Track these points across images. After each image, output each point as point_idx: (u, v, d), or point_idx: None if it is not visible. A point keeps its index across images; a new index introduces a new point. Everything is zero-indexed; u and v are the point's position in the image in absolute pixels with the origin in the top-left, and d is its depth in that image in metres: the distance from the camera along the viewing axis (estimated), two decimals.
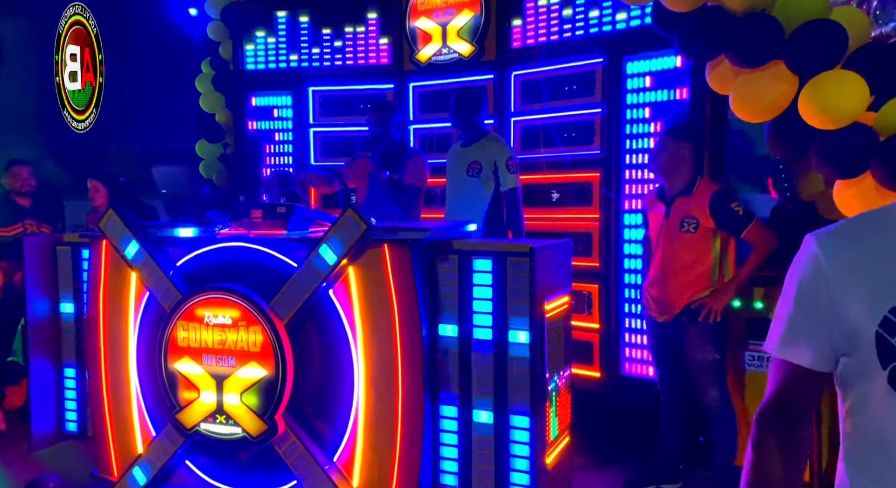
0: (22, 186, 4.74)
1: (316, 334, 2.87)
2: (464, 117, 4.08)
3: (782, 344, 1.25)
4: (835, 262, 1.16)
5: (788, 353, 1.24)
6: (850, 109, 2.70)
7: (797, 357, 1.23)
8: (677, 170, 3.32)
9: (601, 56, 4.20)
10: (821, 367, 1.21)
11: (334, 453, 2.85)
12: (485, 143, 4.08)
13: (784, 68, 2.89)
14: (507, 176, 4.01)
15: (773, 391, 1.29)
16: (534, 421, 2.69)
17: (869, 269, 1.13)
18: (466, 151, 4.10)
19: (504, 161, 4.00)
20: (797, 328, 1.23)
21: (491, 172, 4.01)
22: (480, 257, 2.75)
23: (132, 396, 3.23)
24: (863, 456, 1.18)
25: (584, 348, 4.26)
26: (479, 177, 4.02)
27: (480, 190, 4.03)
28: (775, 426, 1.28)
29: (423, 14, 4.89)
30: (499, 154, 4.01)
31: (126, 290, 3.20)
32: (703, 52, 3.12)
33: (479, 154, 4.05)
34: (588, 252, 4.29)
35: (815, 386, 1.24)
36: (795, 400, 1.27)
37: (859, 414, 1.18)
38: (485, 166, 4.01)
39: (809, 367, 1.22)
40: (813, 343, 1.20)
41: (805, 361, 1.22)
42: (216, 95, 5.92)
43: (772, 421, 1.29)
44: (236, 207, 3.21)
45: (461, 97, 4.10)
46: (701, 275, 3.26)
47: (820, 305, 1.18)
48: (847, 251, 1.16)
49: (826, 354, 1.19)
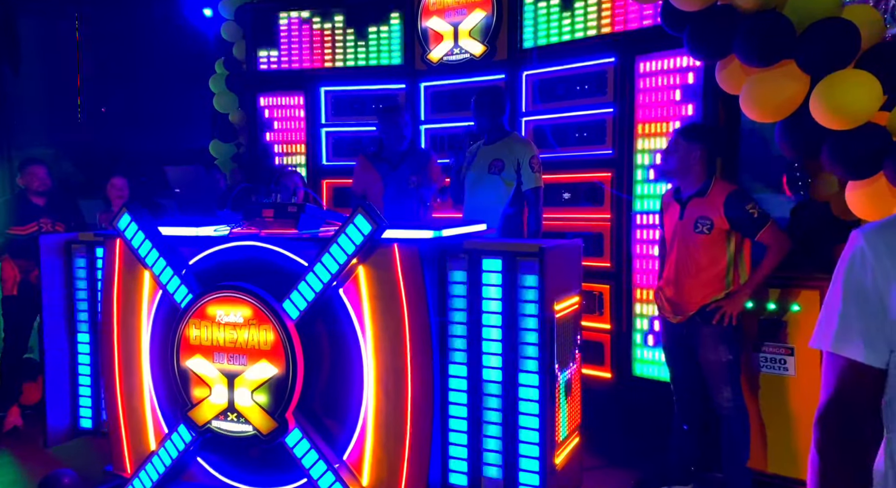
0: (39, 186, 4.79)
1: (326, 333, 2.88)
2: (489, 118, 4.08)
3: (837, 339, 1.22)
4: (880, 257, 1.16)
5: (845, 349, 1.22)
6: (863, 109, 2.68)
7: (854, 352, 1.21)
8: (690, 171, 3.31)
9: (613, 56, 4.19)
10: (877, 362, 1.19)
11: (344, 451, 2.87)
12: (509, 142, 4.09)
13: (795, 68, 2.86)
14: (530, 174, 4.01)
15: (831, 391, 1.24)
16: (543, 421, 2.68)
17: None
18: (489, 149, 4.10)
19: (528, 159, 4.01)
20: (850, 323, 1.21)
21: (514, 170, 4.01)
22: (490, 257, 2.75)
23: (145, 393, 3.26)
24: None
25: (596, 348, 4.25)
26: (500, 174, 4.03)
27: (501, 187, 4.04)
28: (838, 427, 1.24)
29: (434, 14, 4.90)
30: (522, 152, 4.02)
31: (139, 289, 3.24)
32: (713, 52, 3.11)
33: (502, 152, 4.05)
34: (599, 252, 4.29)
35: (874, 382, 1.20)
36: (857, 398, 1.23)
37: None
38: (507, 164, 4.02)
39: (866, 363, 1.20)
40: (867, 337, 1.19)
41: (862, 356, 1.20)
42: (229, 95, 5.97)
43: (834, 422, 1.24)
44: (248, 206, 3.24)
45: (485, 98, 4.09)
46: (715, 276, 3.25)
47: (870, 299, 1.18)
48: (892, 245, 1.16)
49: (880, 349, 1.18)
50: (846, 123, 2.71)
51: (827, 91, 2.73)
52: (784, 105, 2.94)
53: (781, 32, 2.81)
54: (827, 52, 2.75)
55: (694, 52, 3.21)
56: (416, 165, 4.21)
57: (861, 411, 1.23)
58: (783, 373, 3.38)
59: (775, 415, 3.41)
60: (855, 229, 1.22)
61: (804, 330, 3.29)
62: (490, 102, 4.07)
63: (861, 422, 1.22)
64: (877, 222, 1.21)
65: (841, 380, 1.23)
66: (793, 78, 2.88)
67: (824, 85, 2.74)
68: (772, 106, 2.98)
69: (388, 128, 4.20)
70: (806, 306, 3.30)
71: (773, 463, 3.41)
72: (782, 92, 2.92)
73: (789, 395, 3.36)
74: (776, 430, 3.40)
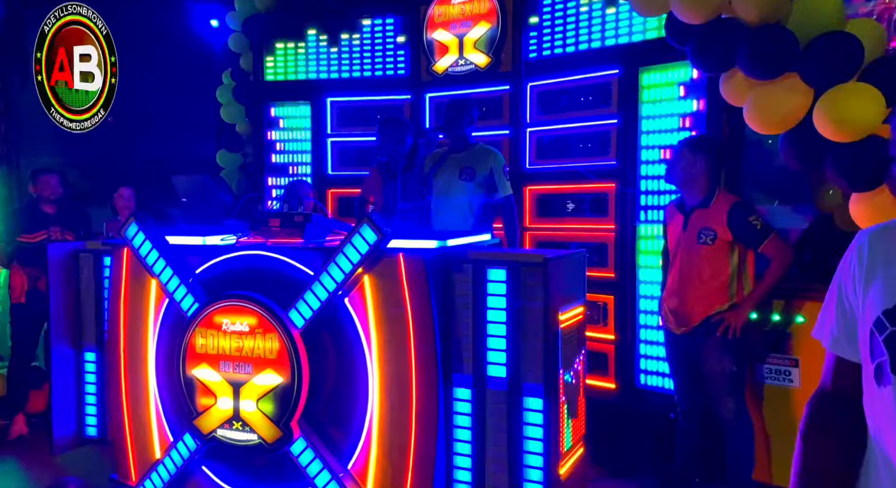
0: (50, 194, 4.83)
1: (331, 342, 2.90)
2: (462, 128, 4.14)
3: (831, 334, 1.26)
4: (873, 256, 1.17)
5: (836, 346, 1.26)
6: (866, 122, 2.70)
7: (838, 348, 1.25)
8: (694, 182, 3.32)
9: (617, 67, 4.21)
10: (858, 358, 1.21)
11: (349, 461, 2.88)
12: (478, 151, 4.14)
13: (799, 81, 2.88)
14: (504, 182, 4.07)
15: (822, 380, 1.29)
16: (548, 431, 2.69)
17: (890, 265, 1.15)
18: (459, 156, 4.15)
19: (500, 167, 4.07)
20: (837, 319, 1.25)
21: (484, 178, 4.06)
22: (495, 267, 2.77)
23: (151, 402, 3.27)
24: None
25: (600, 359, 4.25)
26: (472, 181, 4.06)
27: (474, 194, 4.07)
28: (823, 415, 1.28)
29: (440, 26, 4.94)
30: (495, 161, 4.08)
31: (146, 297, 3.26)
32: (717, 64, 3.13)
33: (472, 160, 4.09)
34: (604, 262, 4.29)
35: (857, 376, 1.22)
36: (842, 391, 1.26)
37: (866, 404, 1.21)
38: (479, 172, 4.06)
39: (849, 359, 1.23)
40: (849, 334, 1.22)
41: (844, 352, 1.24)
42: (236, 106, 6.01)
43: (819, 410, 1.28)
44: (254, 216, 3.26)
45: (460, 110, 4.15)
46: (719, 287, 3.25)
47: (856, 298, 1.20)
48: (883, 246, 1.18)
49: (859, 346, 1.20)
50: (849, 136, 2.72)
51: (830, 104, 2.74)
52: (787, 117, 2.95)
53: (785, 46, 2.84)
54: (830, 65, 2.77)
55: (698, 64, 3.23)
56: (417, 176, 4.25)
57: (844, 403, 1.25)
58: (788, 385, 3.38)
59: (780, 427, 3.40)
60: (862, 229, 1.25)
61: (809, 341, 3.28)
62: (466, 115, 4.14)
63: (843, 414, 1.25)
64: (881, 224, 1.23)
65: (828, 372, 1.28)
66: (796, 91, 2.90)
67: (827, 97, 2.76)
68: (775, 118, 3.00)
69: (385, 140, 4.26)
70: (810, 317, 3.30)
71: (778, 474, 3.40)
72: (786, 104, 2.94)
73: (794, 407, 3.36)
74: (781, 442, 3.40)
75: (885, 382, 1.11)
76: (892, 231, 1.19)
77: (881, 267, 1.15)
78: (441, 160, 4.18)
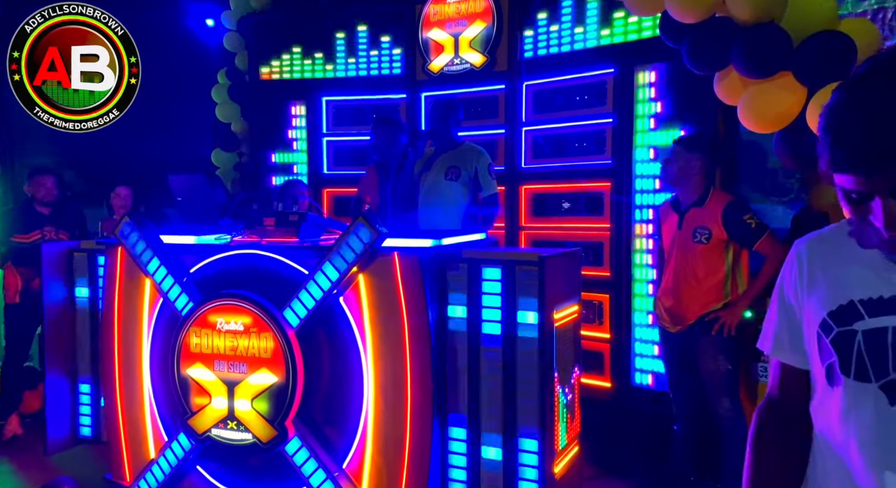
0: (45, 195, 4.82)
1: (326, 341, 2.90)
2: (448, 129, 4.13)
3: (774, 342, 1.30)
4: (811, 263, 1.21)
5: (776, 352, 1.29)
6: None
7: (782, 355, 1.28)
8: (689, 181, 3.33)
9: (612, 66, 4.22)
10: (802, 365, 1.25)
11: (343, 460, 2.87)
12: (463, 150, 4.13)
13: (792, 79, 2.89)
14: (489, 181, 4.06)
15: (769, 389, 1.33)
16: (542, 429, 2.69)
17: (828, 271, 1.18)
18: (445, 157, 4.14)
19: (485, 167, 4.06)
20: (780, 326, 1.28)
21: (469, 178, 4.06)
22: (490, 266, 2.77)
23: (145, 401, 3.27)
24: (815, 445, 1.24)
25: (595, 358, 4.26)
26: (458, 180, 4.06)
27: (460, 193, 4.07)
28: (771, 424, 1.32)
29: (435, 25, 4.94)
30: (479, 160, 4.07)
31: (140, 297, 3.25)
32: (711, 64, 3.13)
33: (458, 159, 4.09)
34: (599, 261, 4.30)
35: (801, 383, 1.26)
36: (790, 399, 1.29)
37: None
38: (464, 171, 4.06)
39: (792, 365, 1.26)
40: (792, 341, 1.26)
41: (788, 359, 1.27)
42: (232, 105, 6.00)
43: (767, 419, 1.32)
44: (249, 215, 3.26)
45: (446, 111, 4.14)
46: (714, 286, 3.26)
47: (798, 304, 1.23)
48: (820, 254, 1.22)
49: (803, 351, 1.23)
50: None
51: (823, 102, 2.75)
52: (781, 116, 2.96)
53: (779, 45, 2.84)
54: (823, 64, 2.78)
55: (692, 63, 3.24)
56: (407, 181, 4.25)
57: (790, 410, 1.29)
58: None
59: None
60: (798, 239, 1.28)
61: None
62: (452, 116, 4.14)
63: (790, 421, 1.28)
64: (816, 231, 1.27)
65: (774, 379, 1.31)
66: (790, 89, 2.91)
67: (821, 96, 2.77)
68: (769, 117, 3.00)
69: (378, 139, 4.25)
70: None
71: None
72: (780, 103, 2.94)
73: None
74: None
75: (836, 383, 1.13)
76: (827, 238, 1.23)
77: (820, 272, 1.19)
78: (430, 161, 4.18)
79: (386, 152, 4.22)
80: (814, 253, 1.22)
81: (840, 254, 1.17)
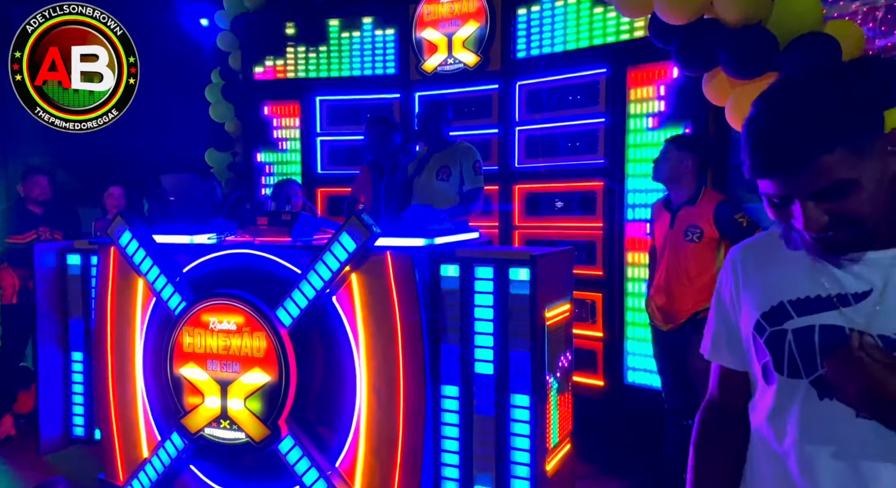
0: (39, 195, 4.82)
1: (319, 340, 2.90)
2: (439, 130, 4.14)
3: (712, 346, 1.34)
4: (745, 269, 1.26)
5: (716, 355, 1.34)
6: None
7: (720, 358, 1.33)
8: (680, 180, 3.34)
9: (604, 66, 4.24)
10: (740, 367, 1.29)
11: (336, 458, 2.88)
12: (454, 149, 4.15)
13: None
14: (472, 176, 4.06)
15: (709, 390, 1.37)
16: (534, 427, 2.70)
17: (760, 275, 1.23)
18: (437, 157, 4.16)
19: (471, 163, 4.06)
20: (718, 331, 1.33)
21: (458, 176, 4.08)
22: (482, 264, 2.78)
23: (138, 401, 3.27)
24: None
25: (588, 356, 4.27)
26: (448, 180, 4.07)
27: (450, 193, 4.08)
28: (712, 423, 1.35)
29: (429, 25, 4.95)
30: (466, 157, 4.07)
31: (133, 296, 3.25)
32: (699, 64, 3.15)
33: (448, 159, 4.11)
34: (592, 260, 4.32)
35: (739, 385, 1.30)
36: (728, 399, 1.33)
37: None
38: (453, 170, 4.07)
39: (730, 367, 1.31)
40: (729, 345, 1.30)
41: (726, 361, 1.31)
42: (226, 105, 6.00)
43: (708, 421, 1.36)
44: (242, 215, 3.26)
45: (435, 112, 4.15)
46: (706, 284, 3.27)
47: (734, 308, 1.27)
48: (753, 259, 1.26)
49: (741, 354, 1.28)
50: None
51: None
52: None
53: (765, 46, 2.87)
54: (808, 65, 2.80)
55: (681, 64, 3.26)
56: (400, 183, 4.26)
57: (730, 410, 1.33)
58: None
59: None
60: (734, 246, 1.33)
61: None
62: (443, 117, 4.15)
63: (729, 422, 1.32)
64: (751, 238, 1.31)
65: (716, 383, 1.35)
66: None
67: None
68: None
69: (371, 138, 4.26)
70: None
71: None
72: None
73: None
74: None
75: (771, 381, 1.18)
76: (760, 243, 1.28)
77: (754, 277, 1.23)
78: (422, 162, 4.19)
79: (380, 152, 4.23)
80: (747, 258, 1.27)
81: (771, 258, 1.22)
